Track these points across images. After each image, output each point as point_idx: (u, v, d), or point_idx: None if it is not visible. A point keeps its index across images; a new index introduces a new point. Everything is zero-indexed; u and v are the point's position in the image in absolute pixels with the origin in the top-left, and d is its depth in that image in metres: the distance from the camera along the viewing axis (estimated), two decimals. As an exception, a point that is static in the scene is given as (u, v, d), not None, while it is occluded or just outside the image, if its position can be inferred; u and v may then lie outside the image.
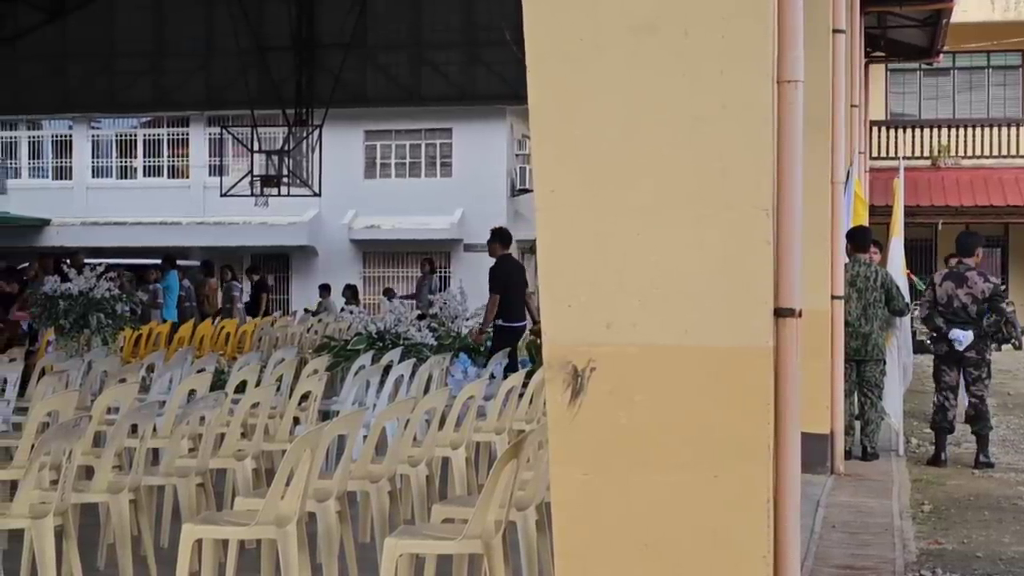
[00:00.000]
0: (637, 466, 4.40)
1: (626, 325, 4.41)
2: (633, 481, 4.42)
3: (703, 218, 4.30)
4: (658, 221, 4.37)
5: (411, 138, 35.42)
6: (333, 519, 6.78)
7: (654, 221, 4.38)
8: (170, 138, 37.53)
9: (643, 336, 4.40)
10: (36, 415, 8.09)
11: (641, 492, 4.41)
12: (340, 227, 34.99)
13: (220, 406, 8.44)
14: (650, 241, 4.37)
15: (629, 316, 4.41)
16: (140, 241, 33.77)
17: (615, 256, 4.43)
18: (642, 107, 4.37)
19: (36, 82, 27.59)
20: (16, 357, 12.64)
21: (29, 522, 6.42)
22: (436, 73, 26.07)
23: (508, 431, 9.68)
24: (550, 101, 4.51)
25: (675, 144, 4.33)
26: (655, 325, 4.38)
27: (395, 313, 13.42)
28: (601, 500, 4.48)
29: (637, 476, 4.40)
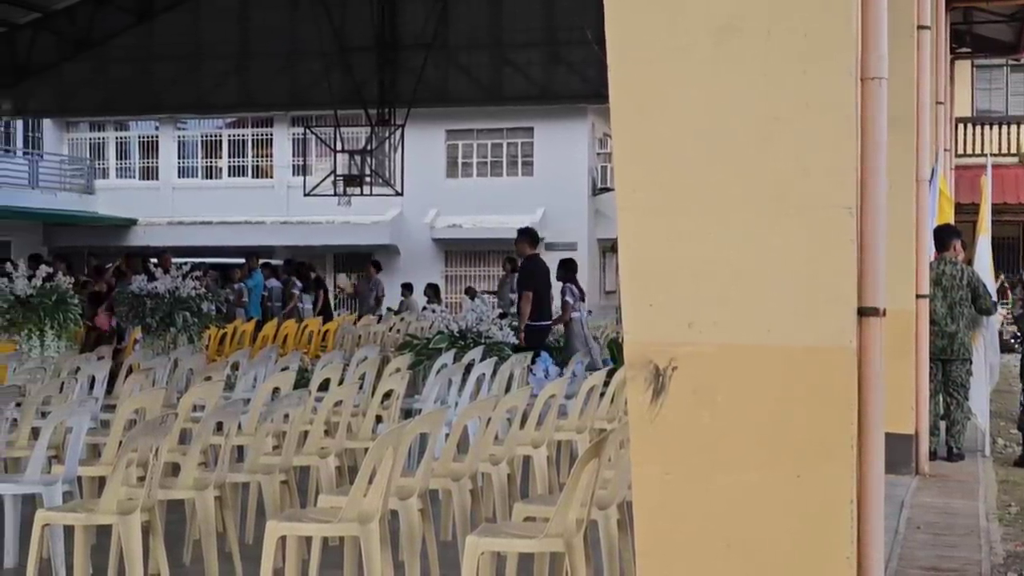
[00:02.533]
0: (719, 465, 4.38)
1: (708, 324, 4.40)
2: (715, 481, 4.40)
3: (786, 217, 4.27)
4: (740, 220, 4.35)
5: (492, 137, 35.48)
6: (415, 517, 6.81)
7: (736, 220, 4.36)
8: (254, 138, 37.88)
9: (725, 335, 4.38)
10: (123, 412, 8.20)
11: (723, 492, 4.40)
12: (422, 226, 35.14)
13: (304, 404, 8.51)
14: (732, 240, 4.36)
15: (711, 315, 4.40)
16: (225, 241, 34.12)
17: (697, 255, 4.42)
18: (724, 107, 4.36)
19: (124, 84, 27.99)
20: (104, 355, 12.82)
21: (117, 518, 6.51)
22: (517, 72, 26.10)
23: (589, 430, 9.67)
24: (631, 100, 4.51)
25: (757, 143, 4.31)
26: (737, 324, 4.37)
27: (476, 312, 13.45)
28: (683, 499, 4.47)
29: (719, 476, 4.38)
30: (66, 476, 7.61)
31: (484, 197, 34.78)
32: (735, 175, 4.34)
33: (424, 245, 34.77)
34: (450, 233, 35.33)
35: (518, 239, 15.30)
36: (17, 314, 13.66)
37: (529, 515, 6.38)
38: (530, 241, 15.14)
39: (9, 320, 13.67)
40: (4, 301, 13.71)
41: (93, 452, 9.23)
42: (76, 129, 38.66)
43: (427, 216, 35.17)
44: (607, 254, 35.61)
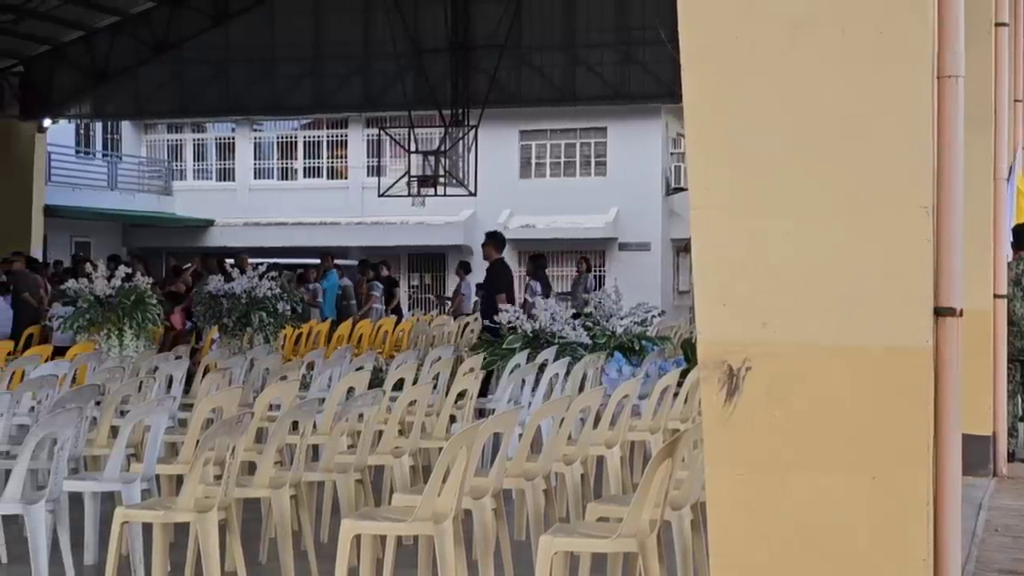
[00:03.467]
0: (793, 466, 4.36)
1: (782, 324, 4.38)
2: (789, 481, 4.38)
3: (861, 216, 4.24)
4: (814, 220, 4.33)
5: (566, 137, 35.47)
6: (489, 516, 6.82)
7: (810, 219, 4.34)
8: (329, 140, 38.13)
9: (799, 335, 4.36)
10: (201, 412, 8.29)
11: (797, 493, 4.37)
12: (495, 227, 35.15)
13: (378, 403, 8.56)
14: (806, 240, 4.33)
15: (785, 315, 4.37)
16: (300, 241, 34.39)
17: (771, 255, 4.40)
18: (798, 105, 4.34)
19: (200, 86, 28.30)
20: (181, 355, 12.96)
21: (194, 516, 6.58)
22: (591, 73, 26.07)
23: (663, 430, 9.65)
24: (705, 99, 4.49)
25: (832, 142, 4.29)
26: (811, 324, 4.34)
27: (550, 312, 13.45)
28: (757, 500, 4.44)
29: (793, 476, 4.36)
30: (145, 474, 7.70)
31: (557, 197, 34.77)
32: (810, 174, 4.32)
33: (497, 245, 34.85)
34: (523, 233, 35.35)
35: (485, 243, 15.63)
36: (96, 314, 13.84)
37: (602, 515, 6.38)
38: (496, 245, 15.58)
39: (89, 320, 13.85)
40: (84, 301, 13.88)
41: (171, 450, 9.34)
42: (154, 131, 39.11)
43: (500, 216, 35.22)
44: (681, 254, 35.49)
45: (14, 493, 6.85)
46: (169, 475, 8.39)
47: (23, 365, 11.60)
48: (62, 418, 7.19)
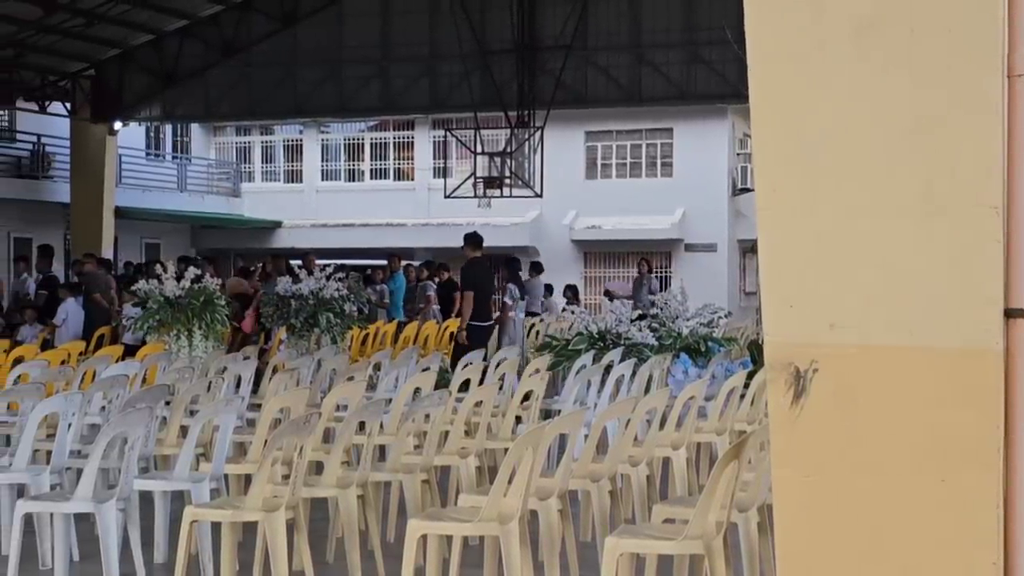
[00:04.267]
0: (860, 469, 4.33)
1: (849, 325, 4.35)
2: (857, 484, 4.35)
3: (930, 216, 4.21)
4: (882, 220, 4.30)
5: (632, 138, 35.39)
6: (555, 517, 6.83)
7: (878, 220, 4.31)
8: (396, 141, 38.28)
9: (867, 336, 4.33)
10: (269, 412, 8.35)
11: (865, 495, 4.34)
12: (561, 227, 35.17)
13: (444, 404, 8.59)
14: (874, 240, 4.30)
15: (852, 316, 4.35)
16: (367, 242, 34.53)
17: (838, 255, 4.37)
18: (866, 104, 4.31)
19: (269, 88, 28.51)
20: (250, 355, 13.06)
21: (262, 515, 6.63)
22: (656, 73, 26.00)
23: (729, 432, 9.61)
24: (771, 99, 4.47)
25: (901, 141, 4.26)
26: (879, 325, 4.31)
27: (616, 313, 13.44)
28: (824, 503, 4.42)
29: (861, 479, 4.33)
30: (213, 473, 7.77)
31: (623, 198, 34.70)
32: (878, 174, 4.29)
33: (563, 246, 34.81)
34: (589, 234, 35.31)
35: (464, 243, 16.03)
36: (166, 315, 13.97)
37: (668, 517, 6.37)
38: (473, 245, 16.00)
39: (159, 321, 13.99)
40: (154, 302, 14.03)
41: (239, 450, 9.42)
42: (223, 133, 39.42)
43: (566, 217, 35.20)
44: (747, 255, 35.30)
45: (86, 492, 6.94)
46: (237, 475, 8.46)
47: (94, 365, 11.74)
48: (133, 418, 7.27)
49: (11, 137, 31.95)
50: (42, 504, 7.26)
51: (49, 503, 7.24)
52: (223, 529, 7.04)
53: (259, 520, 6.72)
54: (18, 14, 24.69)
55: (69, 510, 7.14)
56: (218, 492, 7.84)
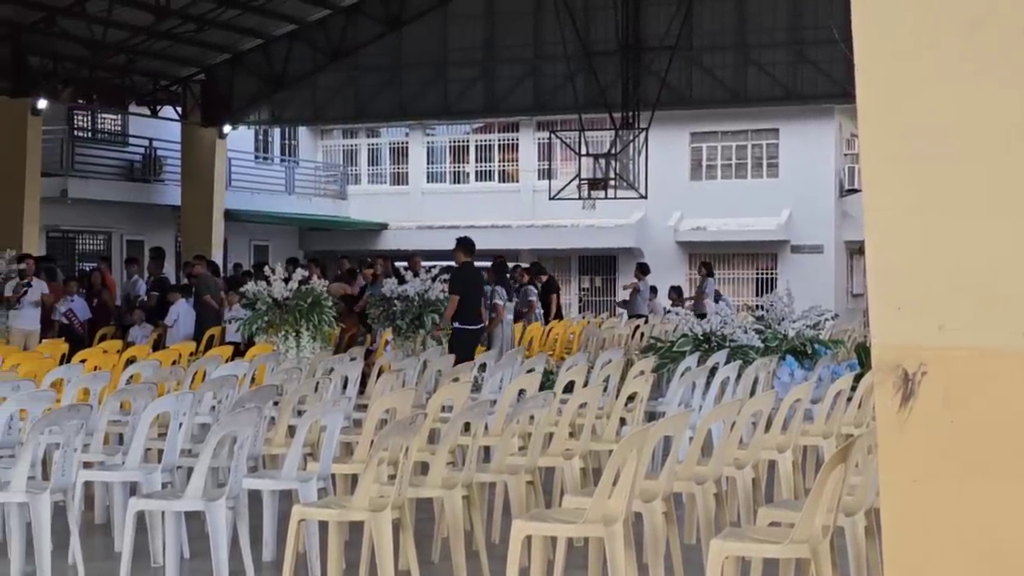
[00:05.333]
0: (970, 473, 4.27)
1: (958, 327, 4.29)
2: (966, 489, 4.29)
3: (1040, 217, 4.14)
4: (992, 220, 4.24)
5: (737, 139, 35.15)
6: (659, 519, 6.81)
7: (988, 220, 4.25)
8: (500, 143, 38.38)
9: (976, 339, 4.27)
10: (375, 412, 8.42)
11: (975, 500, 4.28)
12: (666, 229, 35.03)
13: (549, 406, 8.60)
14: (984, 242, 4.24)
15: (962, 318, 4.29)
16: (471, 244, 34.65)
17: (947, 257, 4.32)
18: (975, 104, 4.25)
19: (375, 91, 28.76)
20: (356, 356, 13.18)
21: (369, 515, 6.69)
22: (762, 73, 25.82)
23: (836, 435, 9.52)
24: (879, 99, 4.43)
25: (1010, 141, 4.19)
26: (989, 327, 4.25)
27: (721, 315, 13.37)
28: (932, 508, 4.36)
29: (970, 483, 4.27)
30: (321, 473, 7.86)
31: (728, 199, 34.47)
32: (986, 174, 4.23)
33: (668, 248, 34.67)
34: (694, 236, 35.14)
35: (455, 248, 16.33)
36: (275, 316, 14.13)
37: (774, 520, 6.32)
38: (464, 250, 16.29)
39: (267, 322, 14.16)
40: (263, 303, 14.20)
41: (346, 450, 9.50)
42: (330, 136, 39.80)
43: (671, 219, 35.05)
44: (854, 256, 34.90)
45: (196, 490, 7.05)
46: (344, 474, 8.54)
47: (204, 365, 11.92)
48: (242, 417, 7.37)
49: (123, 141, 32.54)
50: (154, 502, 7.39)
51: (160, 501, 7.37)
52: (330, 528, 7.11)
53: (365, 520, 6.78)
54: (131, 20, 25.16)
55: (180, 508, 7.25)
56: (325, 491, 7.92)
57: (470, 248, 16.36)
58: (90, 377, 10.44)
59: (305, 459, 8.32)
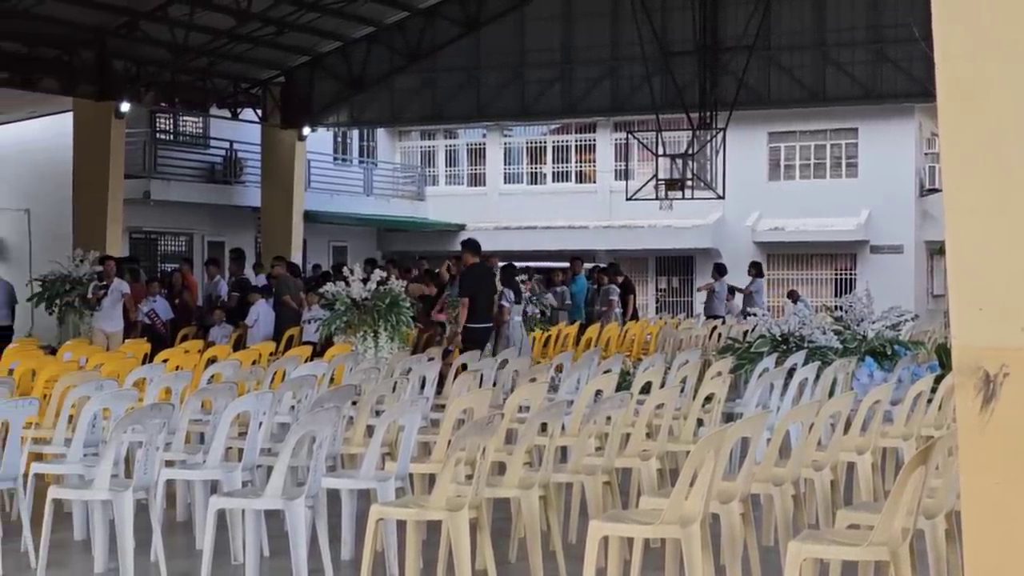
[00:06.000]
0: (1053, 475, 4.22)
1: (1041, 329, 4.24)
2: (1049, 491, 4.24)
3: None
4: (1076, 221, 4.18)
5: (815, 139, 34.90)
6: (736, 521, 6.79)
7: (1071, 221, 4.19)
8: (578, 144, 38.37)
9: (1060, 341, 4.22)
10: (452, 412, 8.46)
11: (1058, 503, 4.23)
12: (744, 229, 34.85)
13: (626, 406, 8.60)
14: (1067, 242, 4.19)
15: (1044, 320, 4.23)
16: (548, 245, 34.68)
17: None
18: (1058, 103, 4.20)
19: (452, 93, 28.85)
20: (434, 357, 13.24)
21: (446, 514, 6.73)
22: (841, 72, 25.62)
23: (916, 437, 9.43)
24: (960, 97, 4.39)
25: (1095, 140, 4.14)
26: (1072, 329, 4.19)
27: (799, 316, 13.29)
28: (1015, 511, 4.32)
29: (1053, 486, 4.22)
30: (398, 472, 7.91)
31: (807, 199, 34.24)
32: (1071, 174, 4.18)
33: (746, 248, 34.45)
34: (772, 236, 34.92)
35: (462, 250, 16.79)
36: (353, 316, 14.23)
37: (853, 522, 6.28)
38: (472, 251, 16.79)
39: (346, 322, 14.26)
40: (341, 304, 14.30)
41: (424, 450, 9.56)
42: (408, 138, 39.99)
43: (749, 219, 34.87)
44: (935, 257, 34.53)
45: (276, 489, 7.12)
46: (422, 474, 8.59)
47: (284, 365, 12.03)
48: (321, 417, 7.44)
49: (205, 144, 32.89)
50: (234, 500, 7.48)
51: (241, 500, 7.45)
52: (408, 527, 7.16)
53: (443, 519, 6.82)
54: (212, 24, 25.43)
55: (260, 506, 7.33)
56: (403, 491, 7.97)
57: (476, 249, 16.84)
58: (172, 377, 10.57)
59: (383, 459, 8.38)
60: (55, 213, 27.22)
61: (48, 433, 9.42)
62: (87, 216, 25.49)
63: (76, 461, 8.41)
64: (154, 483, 7.74)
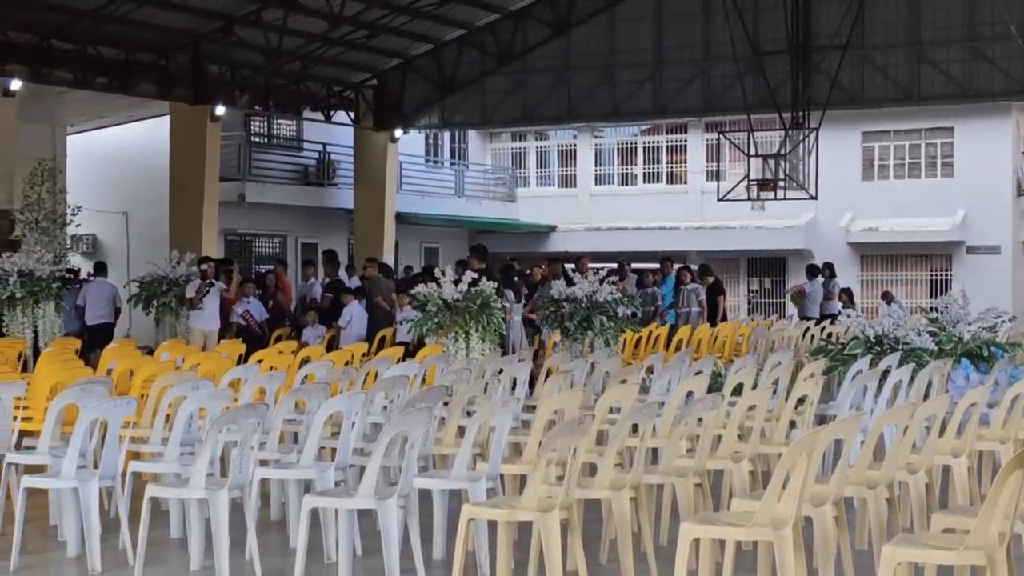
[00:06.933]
0: None
1: None
2: None
3: None
4: None
5: (910, 138, 34.49)
6: (829, 524, 6.75)
7: None
8: (668, 144, 38.24)
9: None
10: (543, 413, 8.49)
11: None
12: (837, 230, 34.50)
13: (717, 408, 8.57)
14: None
15: None
16: (639, 246, 34.57)
17: None
18: None
19: (543, 94, 28.89)
20: (525, 358, 13.27)
21: (537, 515, 6.75)
22: (936, 71, 25.31)
23: (1013, 440, 9.30)
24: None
25: None
26: None
27: (893, 317, 13.15)
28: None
29: None
30: (490, 473, 7.95)
31: (901, 200, 33.84)
32: None
33: (839, 249, 34.08)
34: (866, 237, 34.55)
35: (469, 255, 17.74)
36: (445, 317, 14.30)
37: (948, 526, 6.22)
38: (479, 256, 17.98)
39: (437, 323, 14.33)
40: (433, 305, 14.37)
41: (515, 450, 9.59)
42: (499, 139, 40.08)
43: (842, 220, 34.53)
44: (1032, 256, 34.00)
45: (368, 489, 7.19)
46: (513, 474, 8.62)
47: (376, 366, 12.12)
48: (413, 417, 7.49)
49: (298, 146, 33.21)
50: (327, 500, 7.56)
51: (334, 499, 7.53)
52: (499, 528, 7.19)
53: (534, 520, 6.84)
54: (305, 28, 25.70)
55: (352, 506, 7.40)
56: (494, 491, 8.01)
57: (483, 254, 18.03)
58: (266, 377, 10.70)
59: (475, 459, 8.41)
60: (152, 215, 27.65)
61: (145, 432, 9.57)
62: (183, 218, 25.87)
63: (173, 460, 8.55)
64: (249, 482, 7.85)
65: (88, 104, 27.10)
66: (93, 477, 7.96)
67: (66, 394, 8.92)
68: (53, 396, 9.37)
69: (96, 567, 7.88)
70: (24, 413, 10.06)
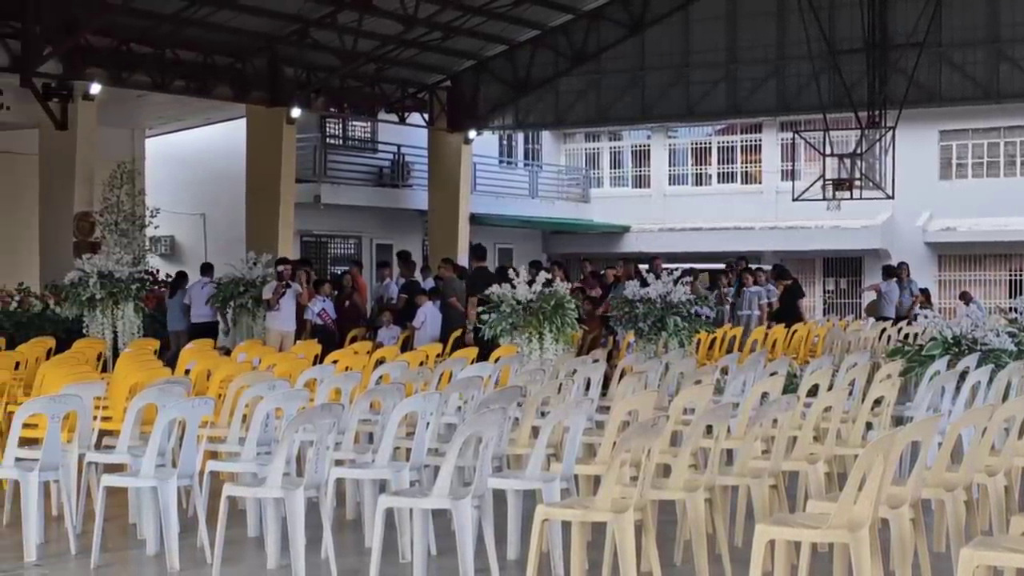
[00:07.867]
0: None
1: None
2: None
3: None
4: None
5: (989, 137, 34.08)
6: (907, 526, 6.69)
7: None
8: (743, 144, 38.05)
9: None
10: (617, 414, 8.47)
11: None
12: (914, 229, 34.17)
13: (792, 409, 8.52)
14: None
15: None
16: (714, 246, 34.43)
17: None
18: None
19: (617, 94, 28.88)
20: (599, 358, 13.26)
21: (611, 516, 6.75)
22: (1015, 68, 25.01)
23: (1096, 443, 9.17)
24: None
25: None
26: None
27: (972, 318, 13.01)
28: None
29: None
30: (564, 473, 7.95)
31: (980, 199, 33.44)
32: None
33: (916, 249, 33.76)
34: (944, 236, 34.19)
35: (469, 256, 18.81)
36: (518, 318, 14.32)
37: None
38: (477, 257, 18.90)
39: (511, 324, 14.36)
40: (507, 306, 14.40)
41: (588, 451, 9.58)
42: (572, 140, 40.08)
43: (919, 219, 34.19)
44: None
45: (443, 489, 7.22)
46: (587, 475, 8.61)
47: (451, 366, 12.16)
48: (487, 418, 7.51)
49: (373, 148, 33.41)
50: (402, 499, 7.59)
51: (409, 499, 7.56)
52: (573, 528, 7.19)
53: (608, 520, 6.84)
54: (380, 30, 25.85)
55: (427, 506, 7.43)
56: (568, 492, 8.01)
57: (482, 254, 19.02)
58: (342, 377, 10.76)
59: (548, 459, 8.42)
60: (229, 217, 27.93)
61: (223, 432, 9.66)
62: (259, 220, 26.11)
63: (250, 459, 8.63)
64: (324, 481, 7.91)
65: (166, 107, 27.43)
66: (171, 476, 8.06)
67: (145, 394, 9.03)
68: (132, 396, 9.49)
69: (174, 565, 7.98)
70: (104, 413, 10.19)
